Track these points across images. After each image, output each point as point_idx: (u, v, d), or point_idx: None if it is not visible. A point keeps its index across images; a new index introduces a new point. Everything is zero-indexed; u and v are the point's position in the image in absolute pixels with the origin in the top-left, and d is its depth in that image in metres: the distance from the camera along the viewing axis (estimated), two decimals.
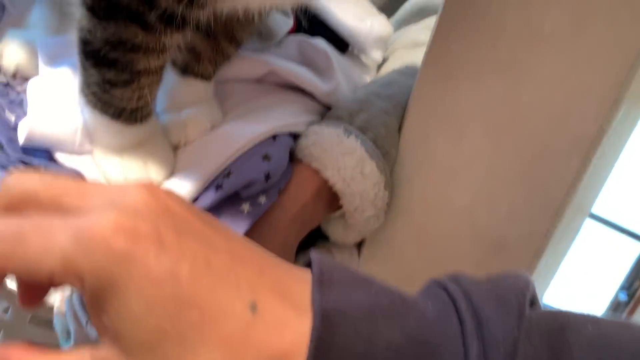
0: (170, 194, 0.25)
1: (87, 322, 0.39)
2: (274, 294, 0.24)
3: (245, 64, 0.51)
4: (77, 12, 0.40)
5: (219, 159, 0.43)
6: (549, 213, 0.46)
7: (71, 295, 0.40)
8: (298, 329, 0.23)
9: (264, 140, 0.45)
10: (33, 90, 0.45)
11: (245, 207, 0.43)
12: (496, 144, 0.46)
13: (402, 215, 0.54)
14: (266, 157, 0.44)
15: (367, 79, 0.59)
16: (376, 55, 0.59)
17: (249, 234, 0.44)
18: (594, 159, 0.43)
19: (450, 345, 0.24)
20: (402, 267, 0.56)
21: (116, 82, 0.40)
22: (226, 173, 0.42)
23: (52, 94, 0.45)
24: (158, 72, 0.42)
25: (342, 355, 0.23)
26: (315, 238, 0.57)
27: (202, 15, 0.39)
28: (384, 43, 0.59)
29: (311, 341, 0.23)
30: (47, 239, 0.22)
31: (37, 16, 0.52)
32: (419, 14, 0.63)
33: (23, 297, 0.26)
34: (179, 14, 0.38)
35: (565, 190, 0.45)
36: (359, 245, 0.59)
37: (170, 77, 0.47)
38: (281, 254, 0.47)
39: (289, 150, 0.48)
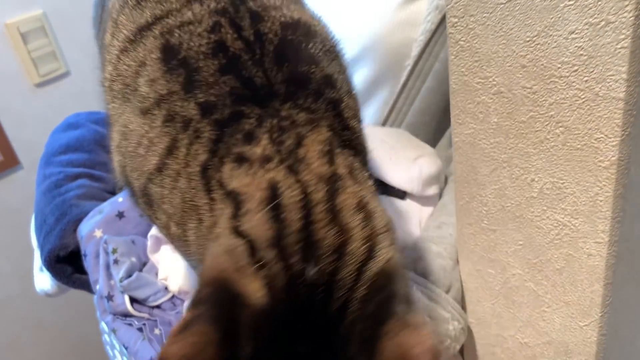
0: None
1: None
2: None
3: None
4: None
5: None
6: (595, 323, 0.52)
7: None
8: None
9: None
10: None
11: None
12: (531, 272, 0.55)
13: (482, 327, 0.64)
14: None
15: (430, 210, 0.70)
16: (431, 191, 0.69)
17: None
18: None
19: None
20: None
21: None
22: None
23: None
24: None
25: None
26: None
27: None
28: (436, 178, 0.70)
29: None
30: None
31: None
32: None
33: None
34: None
35: (600, 296, 0.51)
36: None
37: None
38: None
39: None
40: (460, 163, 0.55)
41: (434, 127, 0.77)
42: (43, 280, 0.90)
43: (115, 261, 0.70)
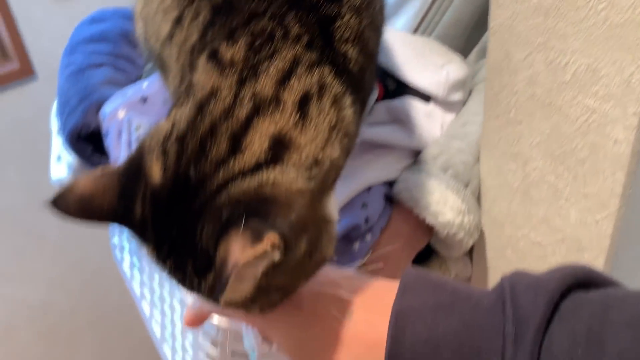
0: None
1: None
2: (363, 308, 0.41)
3: None
4: None
5: None
6: (611, 215, 0.53)
7: None
8: (383, 327, 0.38)
9: (361, 192, 0.60)
10: None
11: (356, 245, 0.58)
12: (553, 164, 0.55)
13: (495, 228, 0.65)
14: (364, 205, 0.59)
15: (453, 116, 0.70)
16: (456, 97, 0.69)
17: (367, 266, 0.59)
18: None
19: (494, 328, 0.35)
20: (503, 268, 0.66)
21: None
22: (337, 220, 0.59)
23: None
24: None
25: (412, 341, 0.36)
26: (431, 252, 0.70)
27: None
28: (461, 85, 0.70)
29: (388, 332, 0.37)
30: None
31: None
32: None
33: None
34: None
35: (621, 186, 0.52)
36: (472, 251, 0.70)
37: None
38: (396, 274, 0.63)
39: (386, 194, 0.63)
40: (495, 49, 0.55)
41: (464, 41, 0.76)
42: (59, 170, 0.91)
43: (139, 138, 0.71)
